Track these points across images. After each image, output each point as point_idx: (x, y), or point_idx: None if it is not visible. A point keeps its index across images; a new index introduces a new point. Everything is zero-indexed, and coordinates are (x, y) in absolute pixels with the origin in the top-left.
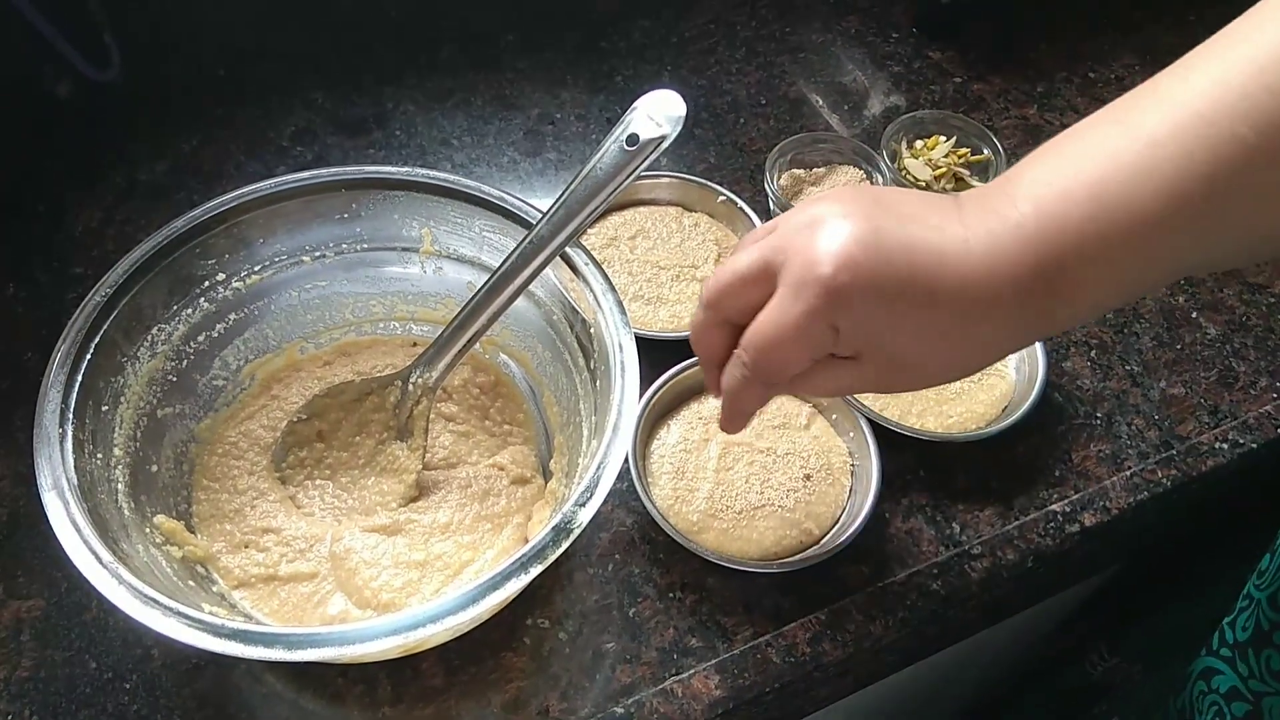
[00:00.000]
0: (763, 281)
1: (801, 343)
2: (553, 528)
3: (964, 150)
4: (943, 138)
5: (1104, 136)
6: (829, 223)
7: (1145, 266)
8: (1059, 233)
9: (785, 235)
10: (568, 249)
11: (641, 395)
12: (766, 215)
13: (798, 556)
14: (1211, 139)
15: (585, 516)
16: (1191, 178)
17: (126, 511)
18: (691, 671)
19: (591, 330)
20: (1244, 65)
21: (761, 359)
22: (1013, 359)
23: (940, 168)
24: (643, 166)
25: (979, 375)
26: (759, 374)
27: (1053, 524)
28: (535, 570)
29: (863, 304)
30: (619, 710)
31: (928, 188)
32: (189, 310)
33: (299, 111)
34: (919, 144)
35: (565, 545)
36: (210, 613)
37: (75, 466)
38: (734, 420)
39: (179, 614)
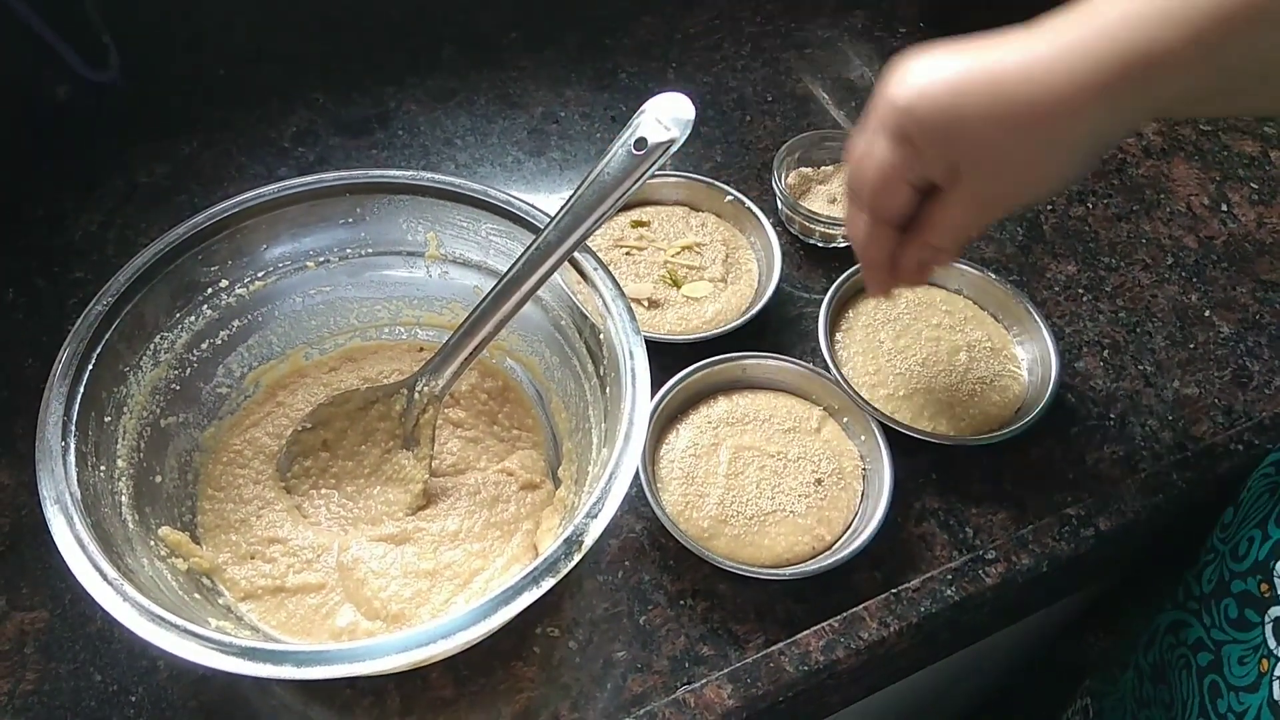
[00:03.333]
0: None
1: (896, 169)
2: (564, 540)
3: None
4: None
5: None
6: (896, 70)
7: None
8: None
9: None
10: (576, 254)
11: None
12: (774, 215)
13: (810, 563)
14: None
15: (597, 529)
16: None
17: (131, 524)
18: (704, 681)
19: (601, 337)
20: None
21: (872, 197)
22: (1025, 360)
23: None
24: (651, 170)
25: (992, 377)
26: (876, 212)
27: (1067, 528)
28: (548, 584)
29: (932, 114)
30: None
31: None
32: (192, 318)
33: (300, 112)
34: None
35: (577, 559)
36: (217, 627)
37: (78, 480)
38: (872, 275)
39: (186, 631)
